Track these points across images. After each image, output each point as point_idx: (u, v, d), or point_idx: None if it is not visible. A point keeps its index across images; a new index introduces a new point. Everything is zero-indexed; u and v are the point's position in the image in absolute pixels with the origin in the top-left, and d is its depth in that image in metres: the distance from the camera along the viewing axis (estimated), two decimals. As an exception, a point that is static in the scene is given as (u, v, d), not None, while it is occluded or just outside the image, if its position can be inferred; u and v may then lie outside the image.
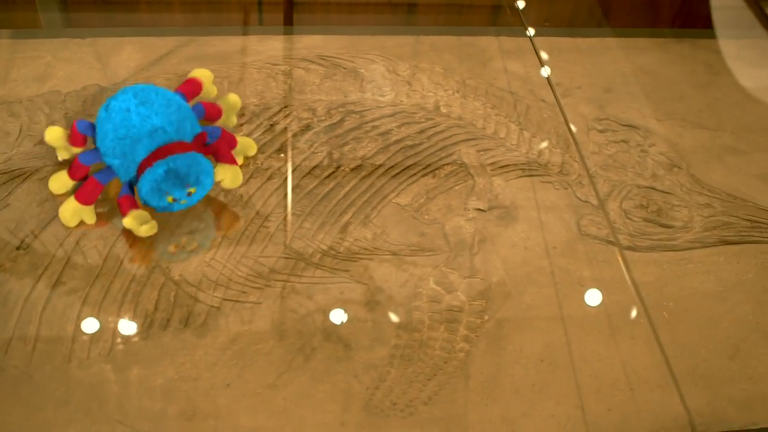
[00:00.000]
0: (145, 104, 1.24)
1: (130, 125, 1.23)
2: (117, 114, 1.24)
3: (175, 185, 1.21)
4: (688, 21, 2.06)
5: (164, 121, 1.24)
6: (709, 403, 1.16)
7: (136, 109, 1.24)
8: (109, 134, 1.24)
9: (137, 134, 1.23)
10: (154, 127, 1.23)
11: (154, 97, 1.26)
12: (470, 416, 1.11)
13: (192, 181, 1.22)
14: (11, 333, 1.13)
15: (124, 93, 1.26)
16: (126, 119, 1.23)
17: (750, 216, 1.44)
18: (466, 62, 1.73)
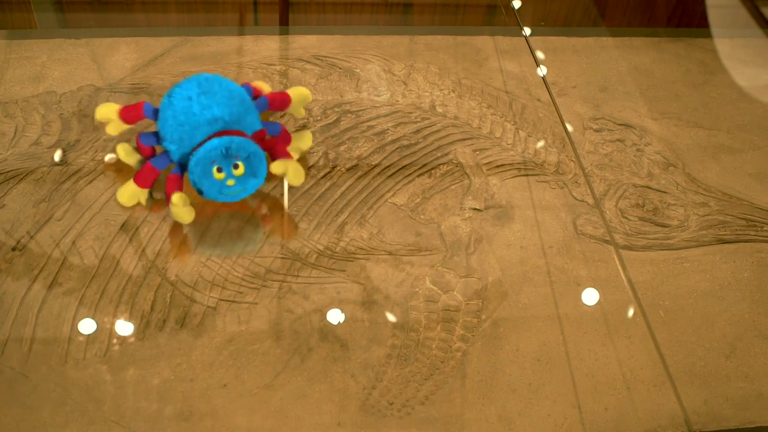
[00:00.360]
0: (207, 94, 1.27)
1: (191, 113, 1.26)
2: (179, 101, 1.27)
3: (224, 156, 1.22)
4: (683, 20, 2.06)
5: (224, 112, 1.27)
6: (705, 402, 1.16)
7: (198, 98, 1.26)
8: (169, 120, 1.27)
9: (196, 122, 1.26)
10: (214, 117, 1.26)
11: (218, 88, 1.28)
12: (467, 416, 1.11)
13: (243, 156, 1.23)
14: (7, 334, 1.13)
15: (188, 81, 1.29)
16: (187, 107, 1.26)
17: (745, 215, 1.44)
18: (462, 62, 1.73)
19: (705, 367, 1.20)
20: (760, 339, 1.25)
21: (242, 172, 1.24)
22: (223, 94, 1.28)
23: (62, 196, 1.32)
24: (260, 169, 1.26)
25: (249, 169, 1.25)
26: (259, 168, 1.26)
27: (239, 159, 1.23)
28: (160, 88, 1.55)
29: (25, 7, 1.83)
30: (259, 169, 1.26)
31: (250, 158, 1.24)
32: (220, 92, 1.28)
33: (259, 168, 1.26)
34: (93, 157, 1.40)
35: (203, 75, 1.30)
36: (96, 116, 1.37)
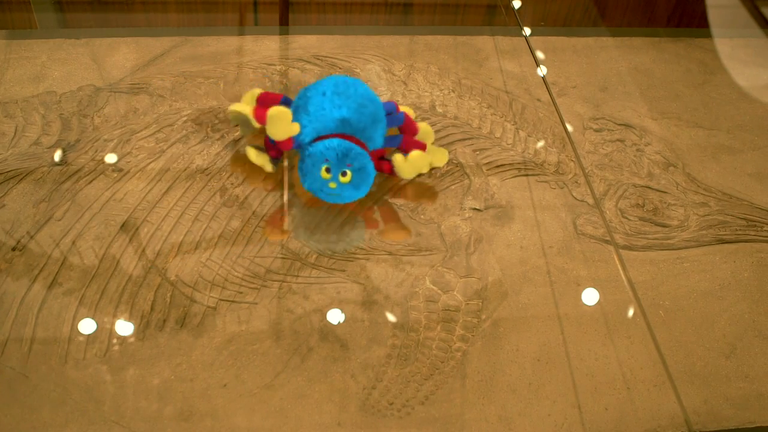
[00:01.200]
0: (341, 95, 1.30)
1: (321, 108, 1.29)
2: (313, 95, 1.31)
3: (338, 159, 1.24)
4: (684, 20, 2.06)
5: (353, 116, 1.30)
6: (705, 402, 1.16)
7: (331, 97, 1.30)
8: (300, 109, 1.31)
9: (324, 118, 1.29)
10: (342, 118, 1.29)
11: (353, 92, 1.31)
12: (467, 416, 1.11)
13: (355, 166, 1.25)
14: (7, 334, 1.13)
15: (328, 79, 1.33)
16: (319, 102, 1.30)
17: (745, 215, 1.44)
18: (462, 62, 1.73)
19: (705, 367, 1.20)
20: (760, 339, 1.25)
21: (347, 181, 1.26)
22: (356, 100, 1.31)
23: (62, 196, 1.32)
24: (364, 184, 1.28)
25: (355, 180, 1.27)
26: (364, 183, 1.28)
27: (351, 168, 1.25)
28: (160, 88, 1.55)
29: (25, 7, 1.83)
30: (362, 184, 1.28)
31: (360, 171, 1.26)
32: (353, 97, 1.31)
33: (363, 182, 1.28)
34: (93, 157, 1.40)
35: (345, 77, 1.34)
36: (230, 110, 1.39)
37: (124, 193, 1.34)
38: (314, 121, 1.30)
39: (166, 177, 1.38)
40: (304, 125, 1.30)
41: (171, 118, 1.49)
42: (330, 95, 1.30)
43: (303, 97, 1.33)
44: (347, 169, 1.25)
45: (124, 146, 1.43)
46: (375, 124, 1.32)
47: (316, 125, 1.30)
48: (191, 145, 1.44)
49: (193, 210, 1.33)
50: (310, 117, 1.30)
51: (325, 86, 1.32)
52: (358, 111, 1.30)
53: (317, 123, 1.30)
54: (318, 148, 1.25)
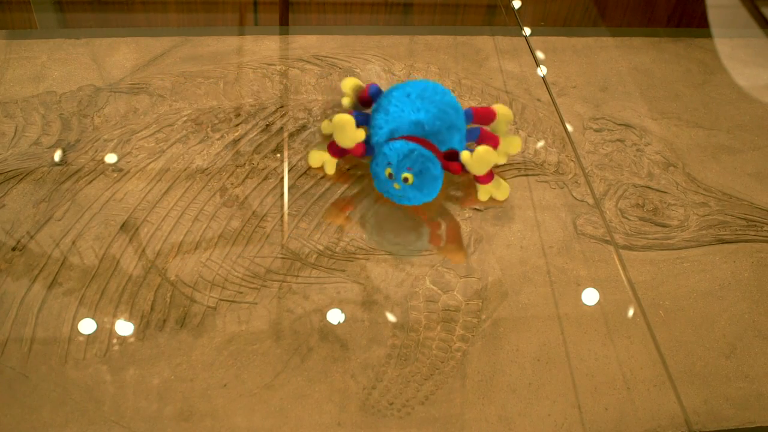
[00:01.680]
0: (424, 99, 1.33)
1: (401, 107, 1.32)
2: (398, 95, 1.34)
3: (399, 160, 1.26)
4: (683, 20, 2.06)
5: (429, 121, 1.31)
6: (705, 402, 1.16)
7: (413, 99, 1.32)
8: (382, 105, 1.34)
9: (401, 118, 1.32)
10: (418, 121, 1.31)
11: (438, 100, 1.33)
12: (467, 416, 1.11)
13: (416, 169, 1.26)
14: (7, 334, 1.13)
15: (417, 81, 1.36)
16: (400, 101, 1.33)
17: (745, 215, 1.44)
18: (462, 62, 1.73)
19: (705, 367, 1.20)
20: (760, 339, 1.25)
21: (410, 183, 1.27)
22: (438, 106, 1.33)
23: (62, 196, 1.32)
24: (428, 187, 1.28)
25: (418, 183, 1.27)
26: (427, 186, 1.28)
27: (411, 171, 1.26)
28: (160, 88, 1.55)
29: (25, 7, 1.83)
30: (426, 187, 1.28)
31: (422, 174, 1.26)
32: (435, 103, 1.33)
33: (426, 185, 1.28)
34: (93, 157, 1.40)
35: (434, 83, 1.36)
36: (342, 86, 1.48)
37: (124, 193, 1.34)
38: (391, 121, 1.32)
39: (166, 177, 1.38)
40: (380, 125, 1.33)
41: (171, 118, 1.49)
42: (414, 98, 1.33)
43: (388, 96, 1.35)
44: (408, 172, 1.26)
45: (124, 146, 1.43)
46: (451, 130, 1.33)
47: (392, 126, 1.32)
48: (191, 145, 1.44)
49: (193, 210, 1.33)
50: (388, 117, 1.33)
51: (411, 88, 1.34)
52: (437, 116, 1.32)
53: (393, 124, 1.32)
54: (383, 149, 1.28)
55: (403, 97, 1.33)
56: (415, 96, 1.33)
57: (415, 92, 1.34)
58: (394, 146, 1.27)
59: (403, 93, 1.34)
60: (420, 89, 1.34)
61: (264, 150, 1.45)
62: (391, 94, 1.35)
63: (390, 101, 1.34)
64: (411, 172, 1.26)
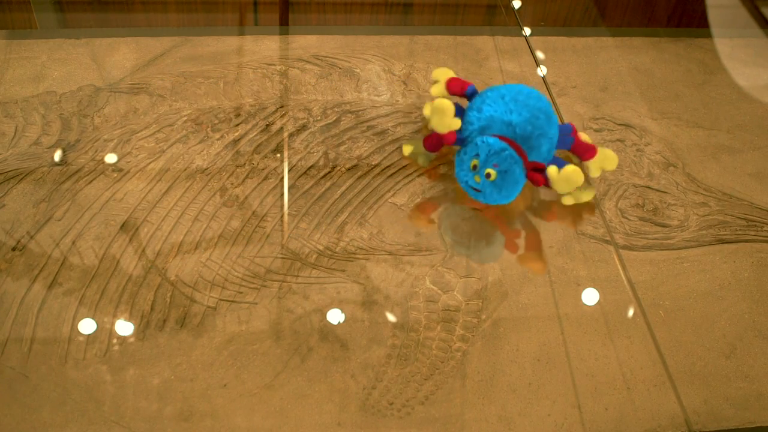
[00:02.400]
0: (518, 102, 1.33)
1: (494, 107, 1.33)
2: (493, 96, 1.34)
3: (488, 155, 1.26)
4: (684, 20, 2.06)
5: (520, 125, 1.31)
6: (705, 402, 1.16)
7: (508, 102, 1.33)
8: (476, 102, 1.34)
9: (493, 117, 1.32)
10: (509, 122, 1.31)
11: (532, 105, 1.33)
12: (467, 416, 1.11)
13: (502, 168, 1.26)
14: (7, 334, 1.13)
15: (515, 85, 1.37)
16: (494, 101, 1.33)
17: (745, 215, 1.44)
18: (462, 62, 1.73)
19: (705, 367, 1.20)
20: (760, 339, 1.25)
21: (492, 180, 1.27)
22: (531, 111, 1.32)
23: (62, 196, 1.32)
24: (507, 188, 1.28)
25: (499, 181, 1.27)
26: (507, 187, 1.28)
27: (497, 168, 1.26)
28: (160, 88, 1.55)
29: (25, 7, 1.83)
30: (505, 188, 1.28)
31: (506, 174, 1.26)
32: (529, 108, 1.33)
33: (506, 187, 1.28)
34: (93, 157, 1.40)
35: (529, 88, 1.36)
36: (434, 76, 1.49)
37: (124, 193, 1.34)
38: (483, 119, 1.33)
39: (166, 177, 1.38)
40: (471, 122, 1.34)
41: (171, 118, 1.49)
42: (508, 100, 1.33)
43: (482, 95, 1.36)
44: (493, 168, 1.26)
45: (124, 146, 1.43)
46: (540, 138, 1.32)
47: (484, 124, 1.33)
48: (191, 145, 1.44)
49: (193, 210, 1.33)
50: (480, 115, 1.33)
51: (506, 90, 1.35)
52: (528, 121, 1.32)
53: (485, 122, 1.33)
54: (476, 140, 1.28)
55: (497, 98, 1.34)
56: (510, 98, 1.33)
57: (509, 95, 1.34)
58: (488, 140, 1.27)
59: (498, 94, 1.34)
60: (515, 92, 1.35)
61: (264, 150, 1.45)
62: (485, 94, 1.36)
63: (484, 101, 1.35)
64: (496, 169, 1.26)
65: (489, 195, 1.29)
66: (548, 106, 1.36)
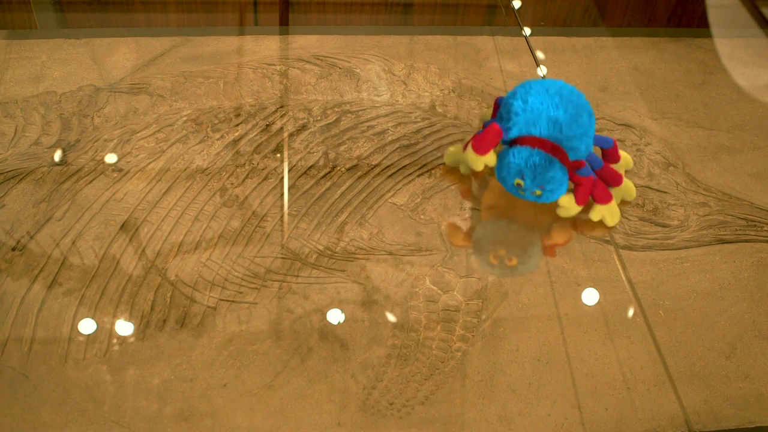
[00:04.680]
0: (563, 99, 1.31)
1: (540, 99, 1.30)
2: (537, 88, 1.32)
3: (533, 178, 1.27)
4: (683, 20, 2.06)
5: (564, 121, 1.29)
6: (705, 402, 1.16)
7: (553, 96, 1.30)
8: (519, 93, 1.32)
9: (537, 111, 1.29)
10: (554, 118, 1.29)
11: (575, 101, 1.31)
12: (467, 416, 1.11)
13: (548, 188, 1.28)
14: (7, 334, 1.13)
15: (556, 81, 1.35)
16: (540, 93, 1.31)
17: (745, 215, 1.44)
18: (462, 62, 1.73)
19: (705, 367, 1.20)
20: (760, 339, 1.25)
21: (538, 195, 1.29)
22: (574, 108, 1.30)
23: (62, 196, 1.33)
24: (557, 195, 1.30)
25: (545, 196, 1.30)
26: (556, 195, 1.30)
27: (543, 189, 1.28)
28: (160, 88, 1.55)
29: (25, 7, 1.83)
30: (555, 196, 1.30)
31: (551, 193, 1.29)
32: (571, 105, 1.31)
33: (554, 196, 1.30)
34: (93, 157, 1.40)
35: (572, 87, 1.34)
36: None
37: (124, 193, 1.34)
38: (528, 112, 1.30)
39: (166, 177, 1.38)
40: (517, 112, 1.30)
41: (171, 118, 1.49)
42: (552, 94, 1.31)
43: (525, 86, 1.33)
44: (539, 189, 1.28)
45: (124, 146, 1.43)
46: (583, 137, 1.31)
47: (529, 117, 1.30)
48: (191, 145, 1.44)
49: (193, 210, 1.33)
50: (526, 107, 1.30)
51: (550, 84, 1.33)
52: (573, 118, 1.30)
53: (530, 115, 1.30)
54: (517, 161, 1.28)
55: (542, 90, 1.31)
56: (554, 92, 1.31)
57: (554, 88, 1.32)
58: (529, 161, 1.27)
59: (542, 87, 1.32)
60: (558, 87, 1.32)
61: (264, 150, 1.45)
62: (528, 84, 1.33)
63: (528, 91, 1.31)
64: (543, 189, 1.28)
65: (538, 200, 1.32)
66: (588, 103, 1.34)
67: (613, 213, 1.36)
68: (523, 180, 1.28)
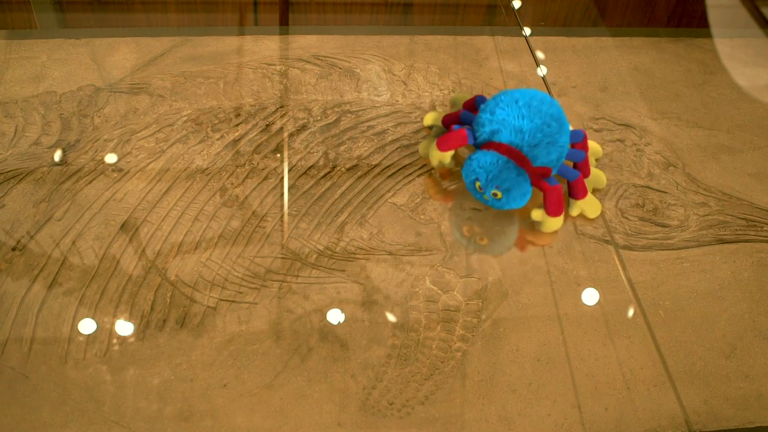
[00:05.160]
0: (530, 108, 1.32)
1: (507, 111, 1.32)
2: (507, 100, 1.34)
3: (487, 180, 1.29)
4: (684, 20, 2.06)
5: (530, 131, 1.31)
6: (705, 402, 1.16)
7: (520, 105, 1.33)
8: (490, 104, 1.35)
9: (504, 121, 1.32)
10: (518, 127, 1.31)
11: (544, 111, 1.33)
12: (467, 416, 1.11)
13: (504, 187, 1.28)
14: (7, 334, 1.13)
15: (530, 91, 1.36)
16: (508, 105, 1.33)
17: (745, 215, 1.44)
18: (462, 62, 1.73)
19: (705, 367, 1.20)
20: (760, 339, 1.25)
21: (499, 198, 1.30)
22: (542, 118, 1.32)
23: (62, 196, 1.33)
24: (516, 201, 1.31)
25: (505, 199, 1.30)
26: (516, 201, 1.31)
27: (500, 189, 1.29)
28: (160, 88, 1.55)
29: (25, 7, 1.83)
30: (514, 202, 1.31)
31: (512, 191, 1.29)
32: (540, 114, 1.32)
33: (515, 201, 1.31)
34: (93, 157, 1.40)
35: (543, 93, 1.36)
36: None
37: (124, 193, 1.34)
38: (494, 122, 1.32)
39: (166, 177, 1.38)
40: (483, 123, 1.33)
41: (171, 118, 1.49)
42: (521, 105, 1.32)
43: (496, 98, 1.36)
44: (496, 189, 1.29)
45: (124, 146, 1.43)
46: (549, 145, 1.32)
47: (495, 127, 1.32)
48: (191, 145, 1.44)
49: (193, 210, 1.33)
50: (492, 118, 1.33)
51: (520, 95, 1.34)
52: (539, 128, 1.31)
53: (496, 125, 1.32)
54: (472, 164, 1.30)
55: (511, 102, 1.33)
56: (523, 103, 1.33)
57: (523, 99, 1.34)
58: (484, 163, 1.29)
59: (512, 98, 1.34)
60: (528, 97, 1.34)
61: (264, 150, 1.45)
62: (499, 97, 1.36)
63: (497, 104, 1.34)
64: (500, 189, 1.29)
65: (499, 207, 1.33)
66: (561, 113, 1.36)
67: (593, 206, 1.38)
68: (479, 181, 1.30)
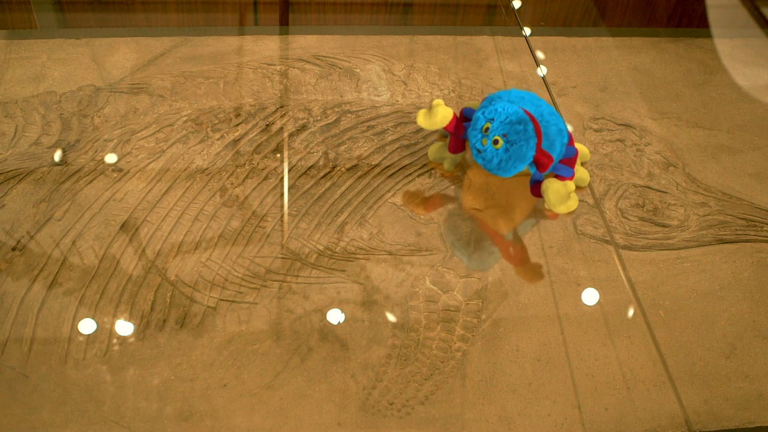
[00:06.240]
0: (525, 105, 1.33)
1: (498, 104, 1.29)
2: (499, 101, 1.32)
3: (501, 122, 1.26)
4: (684, 20, 2.06)
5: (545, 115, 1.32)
6: (705, 402, 1.16)
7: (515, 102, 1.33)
8: (484, 104, 1.34)
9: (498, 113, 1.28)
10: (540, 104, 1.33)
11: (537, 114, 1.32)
12: (467, 416, 1.11)
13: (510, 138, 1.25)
14: (7, 334, 1.13)
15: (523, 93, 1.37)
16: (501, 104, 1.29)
17: (745, 215, 1.44)
18: (462, 62, 1.73)
19: (705, 367, 1.20)
20: (760, 339, 1.25)
21: (497, 147, 1.27)
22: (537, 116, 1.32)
23: (62, 196, 1.33)
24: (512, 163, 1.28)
25: (502, 152, 1.27)
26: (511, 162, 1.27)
27: (506, 138, 1.26)
28: (160, 88, 1.55)
29: (25, 7, 1.83)
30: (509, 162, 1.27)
31: (513, 148, 1.26)
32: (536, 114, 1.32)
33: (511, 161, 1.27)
34: (93, 157, 1.40)
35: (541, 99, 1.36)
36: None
37: (124, 193, 1.34)
38: (489, 114, 1.28)
39: (166, 177, 1.38)
40: (477, 117, 1.30)
41: (171, 118, 1.49)
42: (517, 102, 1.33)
43: (491, 98, 1.36)
44: (502, 137, 1.26)
45: (124, 146, 1.43)
46: (556, 135, 1.31)
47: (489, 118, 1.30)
48: (191, 145, 1.44)
49: (193, 210, 1.33)
50: (485, 111, 1.29)
51: (514, 96, 1.35)
52: (552, 113, 1.33)
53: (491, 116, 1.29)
54: (493, 105, 1.28)
55: (503, 102, 1.31)
56: (517, 100, 1.34)
57: (515, 98, 1.34)
58: (506, 109, 1.26)
59: (504, 100, 1.33)
60: (519, 99, 1.35)
61: (264, 150, 1.45)
62: (490, 99, 1.36)
63: (489, 103, 1.33)
64: (504, 139, 1.26)
65: (489, 161, 1.29)
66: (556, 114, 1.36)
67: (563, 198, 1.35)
68: (490, 123, 1.27)
